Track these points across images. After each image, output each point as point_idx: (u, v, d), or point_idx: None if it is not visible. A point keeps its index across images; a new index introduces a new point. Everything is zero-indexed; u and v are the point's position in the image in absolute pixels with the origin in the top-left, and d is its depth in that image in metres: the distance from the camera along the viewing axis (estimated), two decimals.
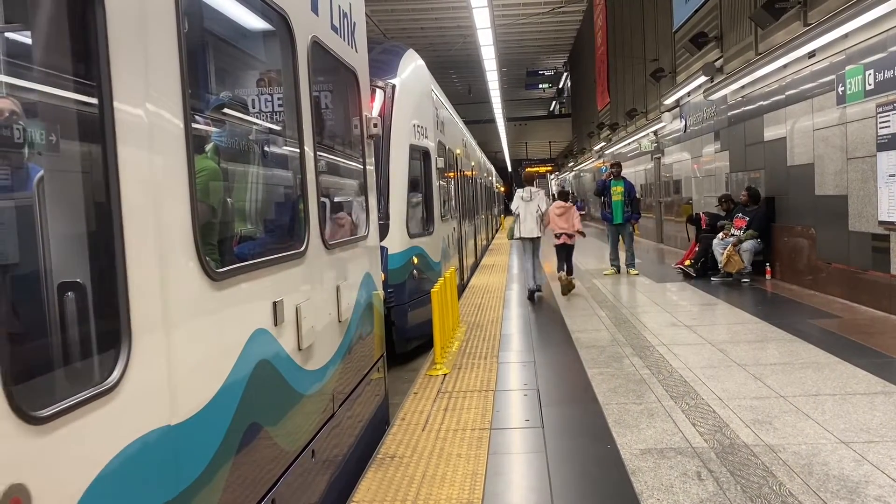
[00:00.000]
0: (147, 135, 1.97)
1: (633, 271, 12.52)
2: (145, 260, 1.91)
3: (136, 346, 1.82)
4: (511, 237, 10.45)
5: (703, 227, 12.28)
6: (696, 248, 12.19)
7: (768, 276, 10.87)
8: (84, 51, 1.78)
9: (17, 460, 1.43)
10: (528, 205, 9.96)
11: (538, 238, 10.10)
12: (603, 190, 12.95)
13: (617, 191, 12.55)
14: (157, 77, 2.02)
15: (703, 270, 11.74)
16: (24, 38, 1.86)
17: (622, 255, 12.82)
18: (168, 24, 2.07)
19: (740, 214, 11.16)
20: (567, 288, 10.27)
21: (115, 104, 1.80)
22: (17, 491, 1.41)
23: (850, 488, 3.50)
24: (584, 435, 4.53)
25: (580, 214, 11.28)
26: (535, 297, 10.09)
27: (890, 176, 7.56)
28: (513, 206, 10.36)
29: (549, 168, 56.50)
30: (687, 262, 12.02)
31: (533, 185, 10.33)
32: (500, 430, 4.67)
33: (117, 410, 1.74)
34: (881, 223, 7.82)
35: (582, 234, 10.77)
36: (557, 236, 10.52)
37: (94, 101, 1.78)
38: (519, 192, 10.22)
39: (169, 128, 2.09)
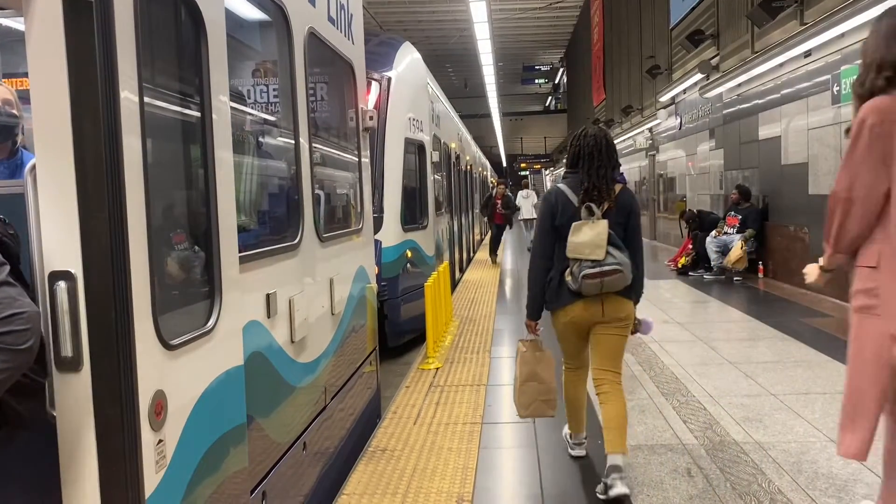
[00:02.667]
0: (228, 138, 2.52)
1: None
2: (230, 241, 2.47)
3: (224, 303, 2.37)
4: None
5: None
6: (690, 246, 12.22)
7: (761, 275, 10.90)
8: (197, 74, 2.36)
9: (160, 374, 1.97)
10: (526, 200, 17.81)
11: (533, 219, 16.27)
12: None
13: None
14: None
15: (693, 266, 11.78)
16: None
17: None
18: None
19: (732, 213, 11.19)
20: None
21: (213, 116, 2.36)
22: (159, 395, 1.96)
23: (839, 486, 3.52)
24: None
25: None
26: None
27: None
28: (517, 202, 17.36)
29: (540, 165, 56.60)
30: (682, 261, 12.04)
31: (528, 188, 18.46)
32: (491, 424, 4.68)
33: (214, 346, 2.31)
34: None
35: None
36: None
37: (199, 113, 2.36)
38: (521, 193, 18.36)
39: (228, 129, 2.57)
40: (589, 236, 3.46)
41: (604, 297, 3.54)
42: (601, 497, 3.50)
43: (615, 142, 3.83)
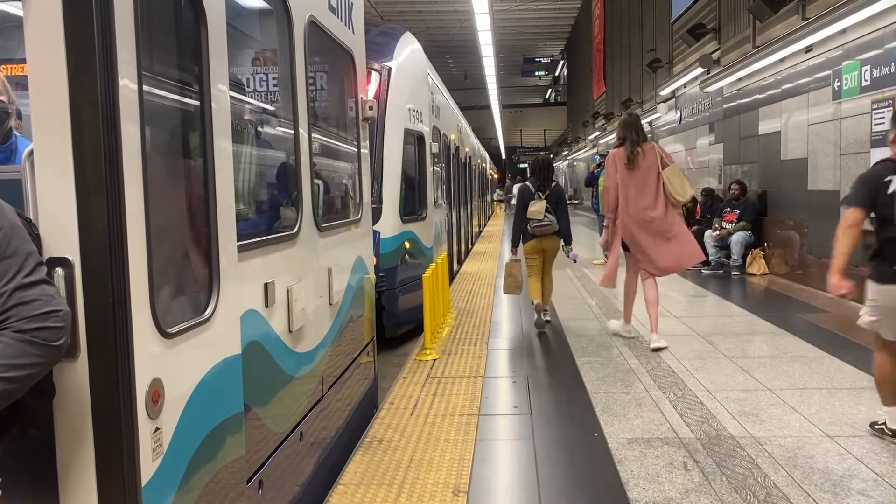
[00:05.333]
0: (228, 126, 2.51)
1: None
2: (228, 230, 2.48)
3: (221, 292, 2.38)
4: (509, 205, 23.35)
5: (697, 218, 12.28)
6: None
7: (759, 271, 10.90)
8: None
9: (157, 362, 1.97)
10: None
11: None
12: (592, 181, 12.98)
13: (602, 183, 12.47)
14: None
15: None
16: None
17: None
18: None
19: (729, 209, 11.19)
20: None
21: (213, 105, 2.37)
22: (157, 383, 1.95)
23: (834, 482, 3.53)
24: (571, 423, 4.55)
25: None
26: None
27: None
28: (514, 190, 17.30)
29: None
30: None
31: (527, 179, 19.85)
32: (488, 416, 4.68)
33: (211, 335, 2.31)
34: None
35: None
36: None
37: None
38: (516, 186, 19.48)
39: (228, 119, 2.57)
40: (536, 207, 7.07)
41: (544, 237, 7.16)
42: (538, 329, 7.20)
43: (613, 135, 7.14)
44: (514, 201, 19.81)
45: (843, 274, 4.11)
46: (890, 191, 3.93)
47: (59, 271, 1.75)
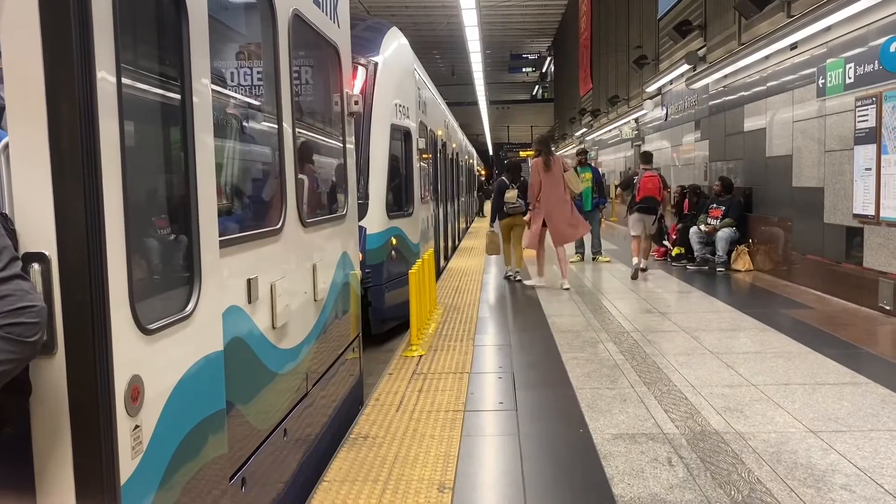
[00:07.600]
0: (209, 121, 2.49)
1: (602, 258, 12.57)
2: (210, 225, 2.45)
3: (203, 288, 2.35)
4: None
5: (686, 212, 12.32)
6: (674, 236, 12.25)
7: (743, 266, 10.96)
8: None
9: (136, 359, 1.93)
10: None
11: None
12: None
13: (585, 178, 12.03)
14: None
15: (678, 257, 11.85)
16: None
17: (588, 243, 12.80)
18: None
19: (715, 205, 11.24)
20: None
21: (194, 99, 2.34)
22: (136, 380, 1.92)
23: (817, 476, 3.55)
24: (557, 419, 4.55)
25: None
26: None
27: (866, 170, 7.64)
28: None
29: (530, 152, 56.67)
30: (675, 251, 12.04)
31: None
32: (473, 412, 4.67)
33: (193, 331, 2.28)
34: (855, 216, 7.91)
35: None
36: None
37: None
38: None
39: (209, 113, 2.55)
40: (510, 195, 10.04)
41: (515, 216, 10.11)
42: (510, 279, 10.46)
43: (602, 131, 14.75)
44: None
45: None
46: (634, 182, 10.79)
47: (36, 267, 1.72)
